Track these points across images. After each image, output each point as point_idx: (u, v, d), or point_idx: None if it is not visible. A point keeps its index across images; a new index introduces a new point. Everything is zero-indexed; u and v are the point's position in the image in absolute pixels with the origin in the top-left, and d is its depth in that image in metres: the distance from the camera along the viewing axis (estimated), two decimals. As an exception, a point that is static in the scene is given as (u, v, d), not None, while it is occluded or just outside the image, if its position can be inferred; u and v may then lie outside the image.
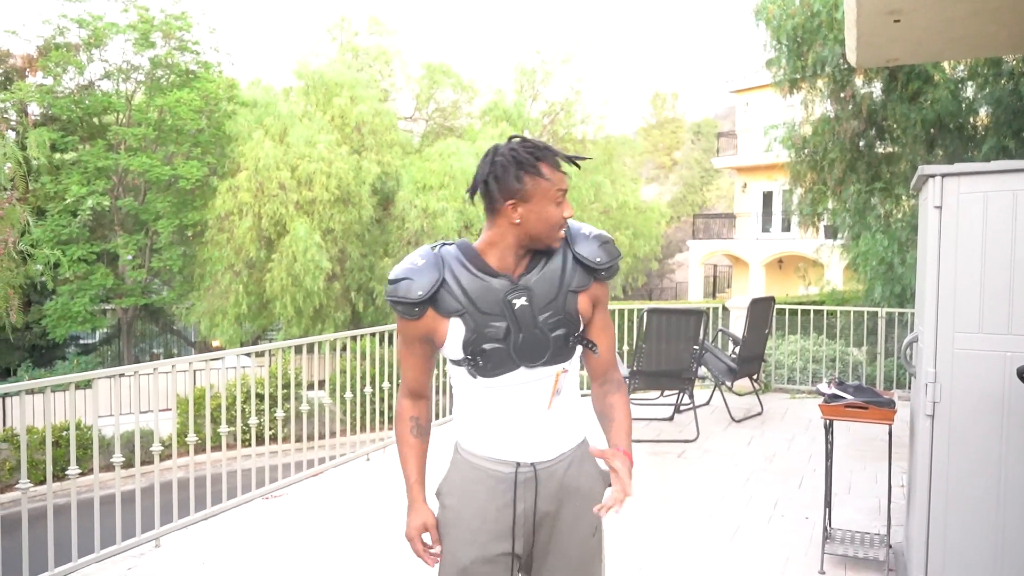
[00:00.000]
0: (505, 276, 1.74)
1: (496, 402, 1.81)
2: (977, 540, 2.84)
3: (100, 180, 15.80)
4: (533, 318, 1.74)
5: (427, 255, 1.77)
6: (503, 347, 1.73)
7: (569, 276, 1.78)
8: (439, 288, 1.73)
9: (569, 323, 1.78)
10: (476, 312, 1.72)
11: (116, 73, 16.78)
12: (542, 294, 1.75)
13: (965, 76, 9.89)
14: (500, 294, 1.73)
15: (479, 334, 1.72)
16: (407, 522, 1.95)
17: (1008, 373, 2.73)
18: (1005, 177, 2.78)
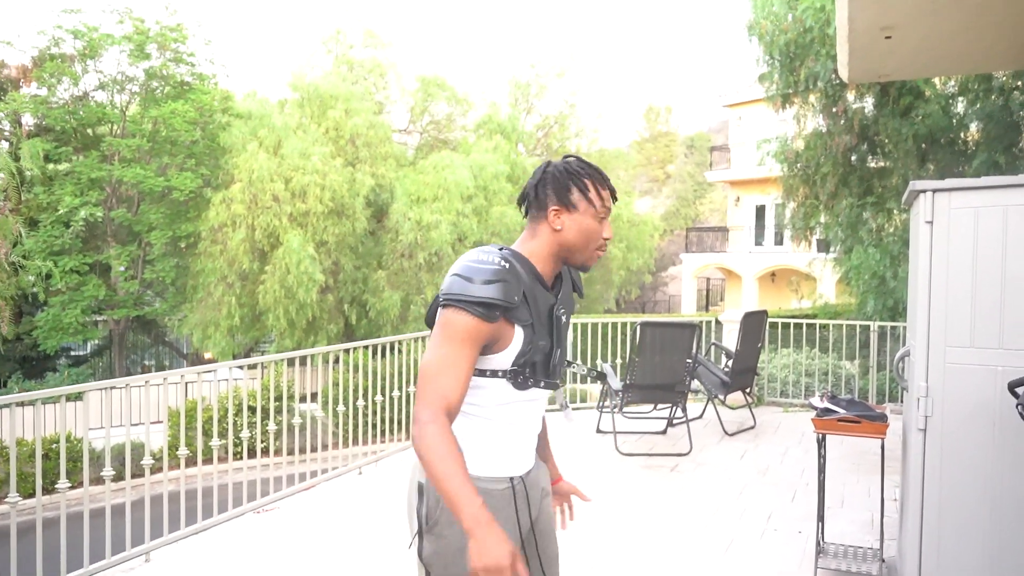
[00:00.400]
0: (552, 291, 1.77)
1: (519, 417, 1.77)
2: (970, 553, 2.84)
3: (93, 191, 15.78)
4: (564, 334, 1.80)
5: (506, 257, 1.70)
6: (544, 361, 1.75)
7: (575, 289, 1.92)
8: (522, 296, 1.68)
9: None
10: (536, 323, 1.70)
11: (111, 84, 16.79)
12: (569, 309, 1.84)
13: (956, 91, 9.97)
14: (548, 307, 1.74)
15: (533, 345, 1.70)
16: (490, 550, 1.40)
17: (999, 387, 2.74)
18: (995, 192, 2.80)
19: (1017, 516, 2.76)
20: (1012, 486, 2.76)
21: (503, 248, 1.75)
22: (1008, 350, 2.75)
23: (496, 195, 19.14)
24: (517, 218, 19.35)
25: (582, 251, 1.74)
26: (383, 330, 17.26)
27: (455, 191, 17.87)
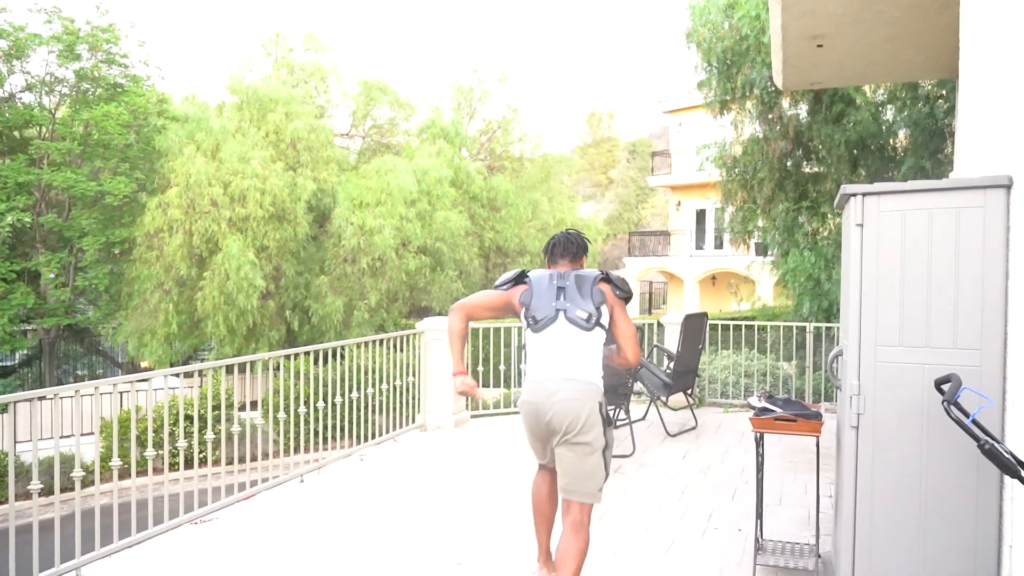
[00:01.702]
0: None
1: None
2: (901, 546, 2.93)
3: (21, 196, 15.21)
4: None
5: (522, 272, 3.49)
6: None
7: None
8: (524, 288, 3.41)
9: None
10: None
11: (39, 85, 16.24)
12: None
13: (885, 99, 10.31)
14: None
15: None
16: (459, 379, 3.29)
17: (927, 384, 2.83)
18: (922, 196, 2.90)
19: (944, 509, 2.86)
20: (940, 480, 2.86)
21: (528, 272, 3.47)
22: (935, 348, 2.85)
23: (440, 199, 19.08)
24: (460, 222, 19.32)
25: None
26: (326, 336, 17.04)
27: (398, 195, 17.76)
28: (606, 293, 3.30)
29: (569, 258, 3.48)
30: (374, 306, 17.88)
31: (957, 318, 2.81)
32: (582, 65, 75.77)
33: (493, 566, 3.93)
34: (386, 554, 4.16)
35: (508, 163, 23.78)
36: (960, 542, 2.83)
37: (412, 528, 4.60)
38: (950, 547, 2.84)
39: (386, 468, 6.00)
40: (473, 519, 4.68)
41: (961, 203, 2.81)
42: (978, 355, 2.78)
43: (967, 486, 2.81)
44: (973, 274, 2.79)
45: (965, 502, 2.82)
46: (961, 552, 2.82)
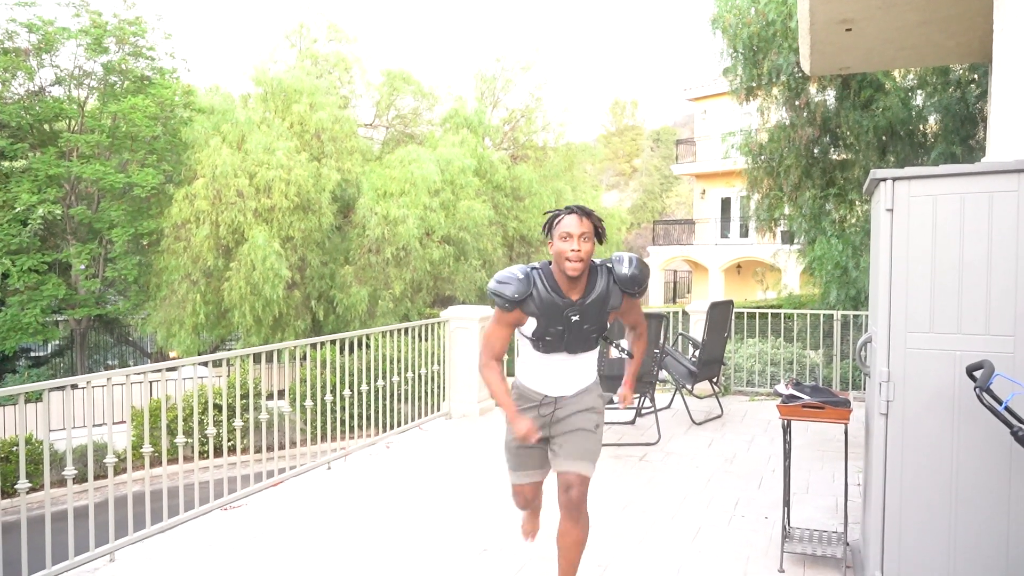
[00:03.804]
0: (567, 299, 2.83)
1: (545, 365, 3.00)
2: (931, 534, 2.90)
3: (51, 188, 15.41)
4: (581, 327, 2.89)
5: (524, 272, 2.85)
6: (556, 340, 2.89)
7: (610, 298, 2.90)
8: (527, 297, 2.83)
9: (601, 328, 2.94)
10: (545, 316, 2.84)
11: (68, 79, 16.43)
12: (591, 313, 2.87)
13: (915, 84, 10.15)
14: (562, 310, 2.84)
15: (544, 329, 2.87)
16: (519, 427, 2.88)
17: (958, 371, 2.80)
18: (953, 180, 2.86)
19: (975, 496, 2.82)
20: (971, 467, 2.83)
21: (536, 266, 2.90)
22: (966, 335, 2.81)
23: (463, 189, 19.09)
24: (484, 212, 19.33)
25: (558, 263, 2.81)
26: (351, 325, 17.13)
27: (422, 185, 17.78)
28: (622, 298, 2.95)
29: None
30: (399, 296, 17.95)
31: (990, 304, 2.77)
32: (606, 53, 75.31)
33: (519, 553, 3.95)
34: (412, 540, 4.20)
35: (531, 152, 23.70)
36: (991, 530, 2.80)
37: (438, 515, 4.63)
38: (981, 535, 2.81)
39: (412, 456, 6.04)
40: (499, 506, 4.70)
41: (994, 187, 2.77)
42: (1011, 342, 2.74)
43: (999, 473, 2.78)
44: (1006, 260, 2.75)
45: (997, 489, 2.78)
46: (993, 540, 2.79)
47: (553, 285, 2.81)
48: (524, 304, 2.82)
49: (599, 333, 2.92)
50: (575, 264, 2.72)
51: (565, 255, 2.72)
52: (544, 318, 2.83)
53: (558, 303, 2.81)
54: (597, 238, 2.82)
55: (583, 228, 2.75)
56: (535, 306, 2.81)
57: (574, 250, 2.72)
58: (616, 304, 2.89)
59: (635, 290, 2.90)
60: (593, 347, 2.97)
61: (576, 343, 2.90)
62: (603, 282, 2.86)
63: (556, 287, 2.81)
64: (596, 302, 2.85)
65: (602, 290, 2.85)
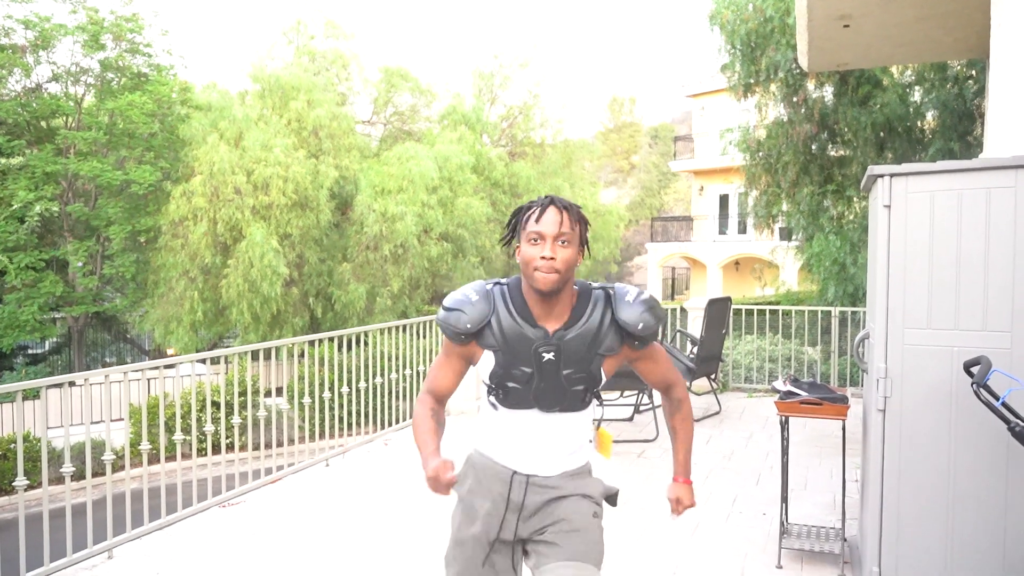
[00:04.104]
0: (540, 328, 1.92)
1: (510, 428, 2.02)
2: (929, 531, 2.91)
3: (49, 185, 15.41)
4: (557, 372, 1.93)
5: (481, 292, 1.98)
6: (523, 389, 1.94)
7: (602, 338, 1.95)
8: (484, 325, 1.96)
9: (590, 381, 1.96)
10: (508, 353, 1.94)
11: (64, 76, 16.41)
12: (572, 352, 1.92)
13: (913, 81, 10.15)
14: (532, 344, 1.92)
15: (505, 371, 1.94)
16: (429, 465, 1.89)
17: (955, 367, 2.80)
18: (951, 177, 2.86)
19: (973, 492, 2.83)
20: (968, 463, 2.83)
21: (503, 281, 2.02)
22: (964, 331, 2.81)
23: (461, 186, 19.09)
24: (482, 209, 19.34)
25: (526, 275, 1.89)
26: (349, 322, 17.14)
27: (420, 182, 17.78)
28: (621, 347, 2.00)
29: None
30: (396, 293, 17.96)
31: (987, 300, 2.78)
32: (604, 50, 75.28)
33: (517, 549, 3.95)
34: (411, 537, 4.20)
35: (529, 149, 23.71)
36: (989, 525, 2.80)
37: (437, 512, 4.63)
38: (978, 530, 2.82)
39: (410, 452, 6.04)
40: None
41: (991, 183, 2.77)
42: (1008, 337, 2.74)
43: (996, 469, 2.78)
44: (1004, 255, 2.75)
45: (994, 485, 2.79)
46: (990, 535, 2.80)
47: (521, 308, 1.93)
48: (481, 335, 1.95)
49: (588, 387, 1.95)
50: (547, 276, 1.84)
51: (533, 264, 1.85)
52: (506, 354, 1.92)
53: (526, 334, 1.91)
54: (581, 244, 1.95)
55: (561, 228, 1.86)
56: (494, 337, 1.93)
57: (545, 257, 1.84)
58: (612, 348, 1.95)
59: (637, 340, 1.97)
60: (579, 406, 1.98)
61: (551, 395, 1.94)
62: (596, 314, 1.95)
63: (525, 311, 1.93)
64: (582, 339, 1.92)
65: (592, 324, 1.93)
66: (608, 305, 1.96)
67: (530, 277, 1.87)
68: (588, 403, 2.00)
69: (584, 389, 1.95)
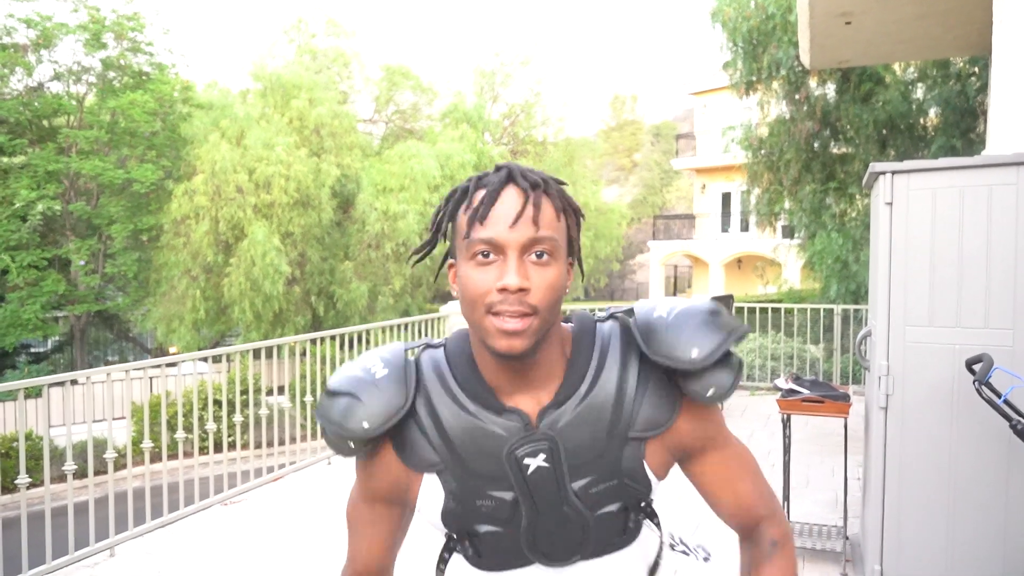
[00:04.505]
0: (513, 412, 1.02)
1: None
2: (930, 528, 2.90)
3: (51, 184, 15.42)
4: (559, 488, 1.03)
5: (395, 358, 1.08)
6: (505, 533, 1.06)
7: (634, 406, 1.05)
8: (404, 420, 1.05)
9: (627, 493, 1.07)
10: (461, 470, 1.04)
11: (66, 75, 16.42)
12: (579, 446, 1.03)
13: (915, 78, 10.13)
14: (503, 444, 1.02)
15: (466, 506, 1.05)
16: None
17: (957, 365, 2.79)
18: (952, 174, 2.85)
19: (974, 490, 2.82)
20: (970, 461, 2.83)
21: (434, 344, 1.14)
22: (965, 328, 2.81)
23: (463, 185, 19.08)
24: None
25: (473, 323, 1.00)
26: (351, 321, 17.14)
27: (421, 181, 17.78)
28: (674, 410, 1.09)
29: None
30: (398, 291, 17.96)
31: (989, 298, 2.77)
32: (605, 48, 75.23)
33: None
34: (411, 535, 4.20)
35: (531, 147, 23.69)
36: (990, 523, 2.80)
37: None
38: (979, 528, 2.82)
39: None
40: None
41: (993, 180, 2.76)
42: (1010, 335, 2.73)
43: (998, 467, 2.78)
44: (1005, 253, 2.74)
45: (996, 483, 2.78)
46: (991, 533, 2.80)
47: (471, 382, 1.06)
48: (404, 444, 1.08)
49: (629, 502, 1.10)
50: (513, 328, 0.96)
51: (484, 302, 0.98)
52: (459, 473, 1.06)
53: (487, 428, 1.04)
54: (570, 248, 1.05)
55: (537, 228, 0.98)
56: (429, 443, 1.07)
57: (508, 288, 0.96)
58: (656, 421, 1.07)
59: (698, 359, 1.03)
60: (620, 541, 1.13)
61: (561, 535, 1.08)
62: (613, 365, 1.07)
63: (479, 387, 1.06)
64: (593, 417, 1.05)
65: (607, 386, 1.06)
66: (630, 343, 1.07)
67: (482, 329, 0.98)
68: (637, 531, 1.12)
69: (622, 508, 1.08)
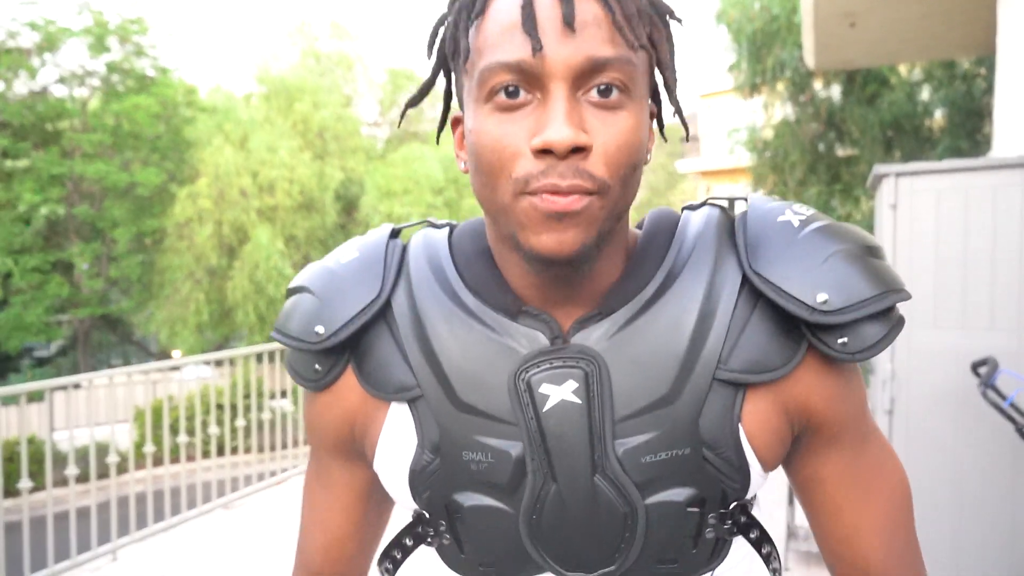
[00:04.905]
0: (538, 318, 0.69)
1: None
2: (937, 532, 2.88)
3: (54, 188, 15.45)
4: (592, 444, 0.67)
5: (374, 241, 0.78)
6: (505, 510, 0.71)
7: (723, 335, 0.69)
8: (373, 324, 0.74)
9: (706, 476, 0.70)
10: (448, 401, 0.70)
11: (70, 78, 16.45)
12: (633, 381, 0.68)
13: (921, 79, 10.10)
14: (511, 361, 0.68)
15: (448, 461, 0.71)
16: None
17: (963, 368, 2.77)
18: (957, 176, 2.83)
19: (981, 494, 2.80)
20: (974, 465, 2.80)
21: (437, 223, 0.84)
22: (971, 330, 2.78)
23: (467, 187, 19.07)
24: (488, 210, 19.32)
25: (490, 206, 0.66)
26: (355, 324, 17.13)
27: (425, 184, 17.79)
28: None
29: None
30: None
31: (994, 300, 2.75)
32: (609, 50, 75.23)
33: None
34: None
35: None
36: (997, 527, 2.77)
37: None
38: (986, 534, 2.79)
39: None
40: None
41: (998, 182, 2.74)
42: (1016, 337, 2.71)
43: (1004, 471, 2.75)
44: (1011, 255, 2.72)
45: (1002, 487, 2.76)
46: (998, 537, 2.77)
47: (476, 274, 0.71)
48: (366, 359, 0.73)
49: (707, 491, 0.69)
50: (565, 205, 0.59)
51: (521, 179, 0.60)
52: (443, 411, 0.69)
53: (495, 339, 0.68)
54: (655, 96, 0.74)
55: (595, 42, 0.60)
56: (403, 356, 0.71)
57: (559, 147, 0.58)
58: (776, 363, 0.68)
59: (844, 339, 0.67)
60: (690, 557, 0.71)
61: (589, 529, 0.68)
62: (703, 268, 0.69)
63: (488, 280, 0.70)
64: (658, 336, 0.66)
65: (701, 292, 0.68)
66: (731, 246, 0.72)
67: (511, 219, 0.64)
68: (723, 550, 0.76)
69: (696, 501, 0.70)
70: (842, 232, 0.72)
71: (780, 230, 0.71)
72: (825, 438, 0.74)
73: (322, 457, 0.82)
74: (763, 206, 0.75)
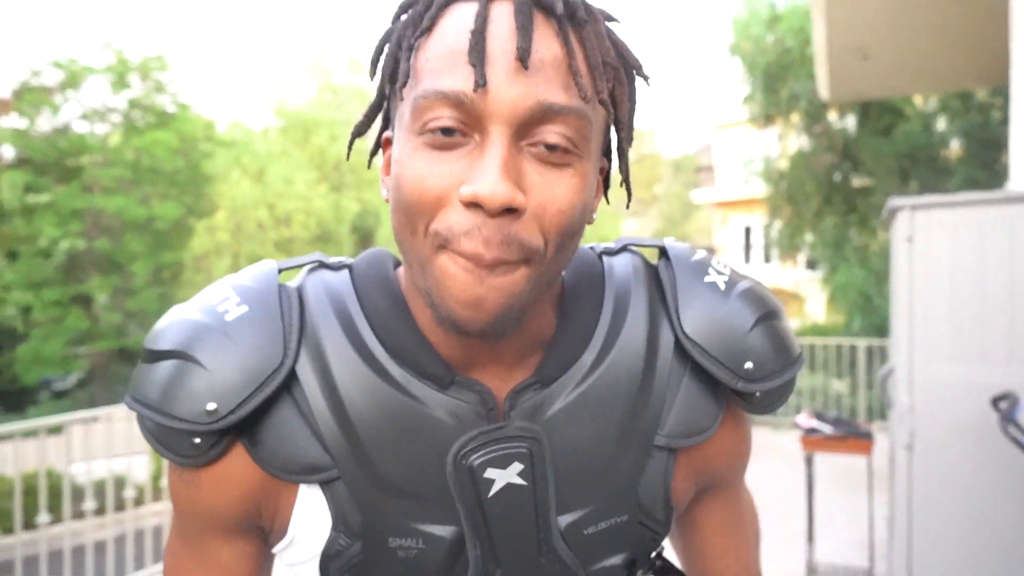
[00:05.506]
0: (470, 388, 0.64)
1: None
2: (955, 570, 2.82)
3: (75, 222, 15.66)
4: (538, 524, 0.64)
5: (260, 286, 0.71)
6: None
7: (661, 397, 0.69)
8: (279, 392, 0.64)
9: (639, 538, 0.70)
10: (369, 483, 0.63)
11: (92, 114, 16.75)
12: (576, 455, 0.65)
13: (937, 109, 10.10)
14: (448, 441, 0.62)
15: (372, 549, 0.64)
16: None
17: (982, 401, 2.73)
18: (973, 208, 2.82)
19: (1000, 532, 2.74)
20: (996, 500, 2.75)
21: (329, 264, 0.77)
22: (990, 364, 2.75)
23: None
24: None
25: (407, 250, 0.61)
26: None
27: (441, 215, 17.90)
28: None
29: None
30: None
31: (1013, 332, 2.72)
32: (623, 82, 75.76)
33: None
34: None
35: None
36: (1017, 566, 2.71)
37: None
38: (1005, 572, 2.73)
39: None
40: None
41: (1015, 215, 2.72)
42: (1037, 372, 2.68)
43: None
44: (1030, 288, 2.69)
45: (1021, 524, 2.70)
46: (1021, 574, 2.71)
47: (394, 330, 0.64)
48: (264, 434, 0.63)
49: (638, 551, 0.70)
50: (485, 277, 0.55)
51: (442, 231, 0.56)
52: (364, 494, 0.62)
53: (423, 411, 0.61)
54: (607, 153, 0.71)
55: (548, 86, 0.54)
56: (315, 436, 0.62)
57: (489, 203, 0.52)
58: (705, 424, 0.70)
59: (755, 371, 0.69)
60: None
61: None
62: (639, 322, 0.67)
63: (409, 340, 0.63)
64: (599, 405, 0.64)
65: (641, 353, 0.67)
66: (660, 302, 0.71)
67: (426, 273, 0.59)
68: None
69: (628, 563, 0.70)
70: (760, 298, 0.73)
71: (707, 294, 0.70)
72: (718, 487, 0.79)
73: (205, 538, 0.68)
74: (685, 260, 0.73)
